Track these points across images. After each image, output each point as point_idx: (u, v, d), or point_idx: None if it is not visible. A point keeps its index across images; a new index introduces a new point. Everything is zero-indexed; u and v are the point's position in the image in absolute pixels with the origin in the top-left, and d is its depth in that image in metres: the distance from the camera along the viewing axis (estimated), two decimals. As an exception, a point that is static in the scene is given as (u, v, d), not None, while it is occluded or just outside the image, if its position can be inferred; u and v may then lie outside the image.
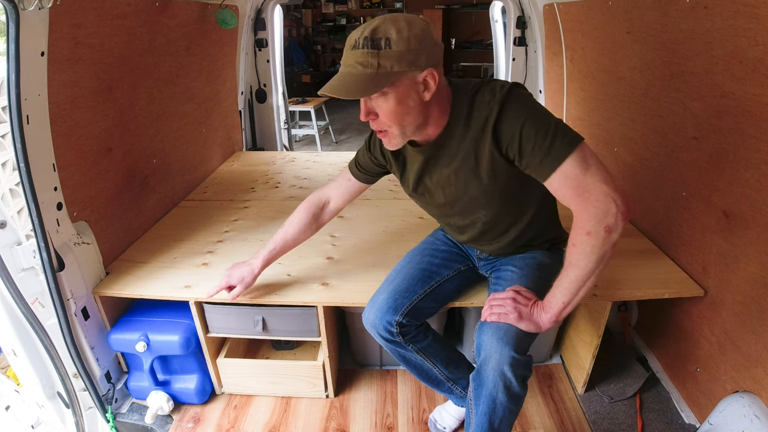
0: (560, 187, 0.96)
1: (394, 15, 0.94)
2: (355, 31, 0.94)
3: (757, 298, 1.18)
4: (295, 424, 1.55)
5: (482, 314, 1.13)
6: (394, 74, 0.92)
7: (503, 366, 1.04)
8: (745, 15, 1.14)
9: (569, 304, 1.02)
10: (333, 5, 8.16)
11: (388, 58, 0.91)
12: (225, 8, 2.38)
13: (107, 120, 1.59)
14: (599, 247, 0.93)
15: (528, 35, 2.92)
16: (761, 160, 1.15)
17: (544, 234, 1.26)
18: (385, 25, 0.91)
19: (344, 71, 0.95)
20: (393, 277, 1.31)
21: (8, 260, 1.23)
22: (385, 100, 0.97)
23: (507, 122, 0.97)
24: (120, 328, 1.50)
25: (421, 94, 0.97)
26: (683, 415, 1.50)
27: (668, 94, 1.54)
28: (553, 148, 0.94)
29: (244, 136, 3.22)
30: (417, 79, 0.95)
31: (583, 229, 0.94)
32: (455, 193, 1.15)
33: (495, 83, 1.02)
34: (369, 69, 0.92)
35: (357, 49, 0.92)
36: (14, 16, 1.08)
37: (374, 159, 1.28)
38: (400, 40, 0.90)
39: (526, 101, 0.99)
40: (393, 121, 1.00)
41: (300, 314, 1.47)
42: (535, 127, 0.95)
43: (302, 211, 1.36)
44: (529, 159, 0.97)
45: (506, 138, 0.98)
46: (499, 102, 0.98)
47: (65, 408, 1.42)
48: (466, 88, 1.04)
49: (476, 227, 1.22)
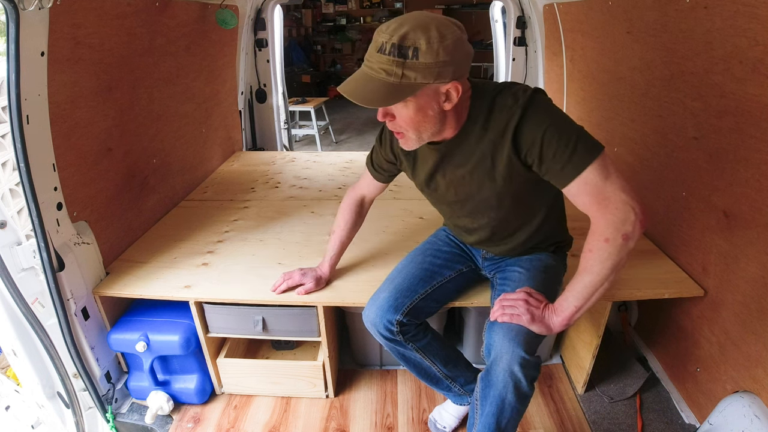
0: (579, 193, 0.96)
1: (427, 19, 0.88)
2: (383, 30, 0.89)
3: (757, 298, 1.18)
4: (295, 424, 1.55)
5: (492, 314, 1.13)
6: (417, 86, 0.90)
7: (514, 366, 1.05)
8: (745, 15, 1.14)
9: (581, 309, 1.02)
10: (333, 5, 8.16)
11: (414, 69, 0.87)
12: (225, 8, 2.38)
13: (107, 120, 1.59)
14: (615, 254, 0.94)
15: (528, 35, 2.92)
16: (761, 160, 1.15)
17: (552, 237, 1.27)
18: (415, 33, 0.86)
19: (367, 73, 0.91)
20: (394, 276, 1.31)
21: (8, 260, 1.23)
22: (404, 106, 0.95)
23: (528, 128, 0.96)
24: (120, 328, 1.50)
25: (441, 105, 0.95)
26: (683, 415, 1.50)
27: (668, 94, 1.53)
28: (575, 155, 0.93)
29: (244, 136, 3.22)
30: (440, 90, 0.93)
31: (601, 235, 0.94)
32: (467, 193, 1.15)
33: (517, 87, 1.00)
34: (392, 78, 0.88)
35: (383, 54, 0.88)
36: (14, 16, 1.08)
37: (386, 155, 1.27)
38: (429, 51, 0.86)
39: (548, 107, 0.98)
40: (410, 127, 0.99)
41: (300, 314, 1.47)
42: (557, 133, 0.94)
43: (347, 212, 1.42)
44: (549, 165, 0.96)
45: (527, 143, 0.97)
46: (521, 107, 0.96)
47: (65, 408, 1.42)
48: (487, 89, 1.02)
49: (485, 230, 1.22)
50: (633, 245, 0.94)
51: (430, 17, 0.90)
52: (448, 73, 0.89)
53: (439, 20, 0.89)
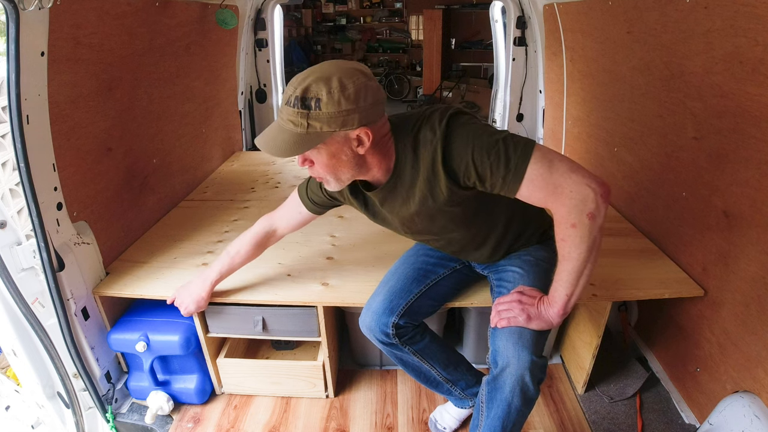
0: (531, 193, 0.94)
1: (331, 69, 0.91)
2: (290, 84, 0.92)
3: (757, 298, 1.18)
4: (295, 424, 1.55)
5: (491, 320, 1.12)
6: (324, 134, 0.91)
7: (522, 371, 1.05)
8: (745, 15, 1.14)
9: (573, 295, 1.03)
10: (333, 5, 8.16)
11: (318, 119, 0.89)
12: (225, 8, 2.38)
13: (107, 120, 1.59)
14: (587, 235, 0.93)
15: (528, 35, 2.92)
16: (761, 160, 1.15)
17: (528, 230, 1.25)
18: (317, 85, 0.88)
19: (279, 125, 0.94)
20: (388, 279, 1.31)
21: (8, 260, 1.23)
22: (318, 153, 0.96)
23: (455, 155, 0.95)
24: (120, 328, 1.50)
25: (354, 149, 0.96)
26: (683, 415, 1.50)
27: (668, 94, 1.54)
28: (510, 163, 0.92)
29: (244, 136, 3.22)
30: (350, 136, 0.93)
31: (567, 222, 0.94)
32: (420, 228, 1.16)
33: (433, 117, 0.99)
34: (299, 128, 0.91)
35: (289, 107, 0.90)
36: (14, 16, 1.08)
37: (328, 197, 1.22)
38: (330, 101, 0.88)
39: (467, 128, 0.97)
40: (327, 172, 1.00)
41: (300, 314, 1.47)
42: (484, 149, 0.93)
43: (249, 240, 1.36)
44: (492, 181, 0.95)
45: (460, 170, 0.96)
46: (441, 139, 0.96)
47: (65, 408, 1.42)
48: (406, 128, 1.01)
49: (453, 245, 1.23)
50: (602, 221, 0.93)
51: (335, 67, 0.91)
52: (353, 120, 0.91)
53: (343, 70, 0.91)
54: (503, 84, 3.26)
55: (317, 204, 1.27)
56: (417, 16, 7.76)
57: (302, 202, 1.29)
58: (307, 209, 1.29)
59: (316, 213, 1.30)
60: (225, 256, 1.38)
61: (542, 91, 2.91)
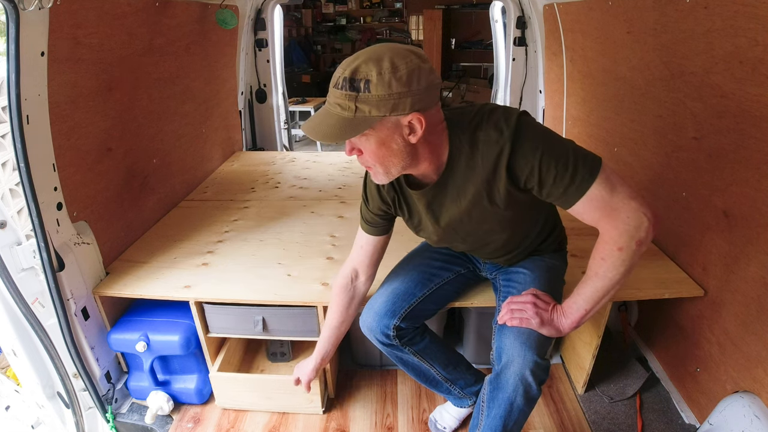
0: (586, 211, 0.93)
1: (382, 50, 0.85)
2: (340, 66, 0.87)
3: (757, 298, 1.18)
4: (295, 424, 1.55)
5: (500, 317, 1.11)
6: (372, 119, 0.86)
7: (525, 371, 1.04)
8: (745, 15, 1.14)
9: (590, 312, 1.02)
10: (333, 5, 8.15)
11: (366, 102, 0.84)
12: (225, 8, 2.38)
13: (107, 120, 1.59)
14: (629, 260, 0.93)
15: (528, 35, 2.92)
16: (761, 160, 1.15)
17: (550, 237, 1.26)
18: (366, 65, 0.83)
19: (326, 109, 0.90)
20: (391, 280, 1.30)
21: (8, 260, 1.23)
22: (366, 140, 0.90)
23: (522, 157, 0.92)
24: (120, 328, 1.50)
25: (406, 138, 0.90)
26: (683, 415, 1.50)
27: (668, 94, 1.53)
28: (576, 176, 0.90)
29: (244, 136, 3.22)
30: (401, 122, 0.87)
31: (614, 244, 0.93)
32: (467, 231, 1.12)
33: (498, 116, 0.94)
34: (347, 112, 0.85)
35: (337, 89, 0.86)
36: (14, 16, 1.08)
37: (376, 212, 1.18)
38: (380, 83, 0.82)
39: (536, 131, 0.93)
40: (376, 161, 0.94)
41: (300, 314, 1.47)
42: (554, 157, 0.90)
43: (336, 300, 1.28)
44: (551, 190, 0.93)
45: (524, 173, 0.93)
46: (509, 139, 0.91)
47: (65, 408, 1.42)
48: (463, 123, 0.97)
49: (486, 247, 1.20)
50: (645, 249, 0.93)
51: (386, 48, 0.86)
52: (405, 104, 0.85)
53: (395, 51, 0.85)
54: (503, 84, 3.26)
55: (373, 224, 1.20)
56: (417, 16, 7.75)
57: (364, 230, 1.23)
58: (370, 234, 1.22)
59: (381, 234, 1.22)
60: (323, 330, 1.32)
61: (542, 91, 2.90)
